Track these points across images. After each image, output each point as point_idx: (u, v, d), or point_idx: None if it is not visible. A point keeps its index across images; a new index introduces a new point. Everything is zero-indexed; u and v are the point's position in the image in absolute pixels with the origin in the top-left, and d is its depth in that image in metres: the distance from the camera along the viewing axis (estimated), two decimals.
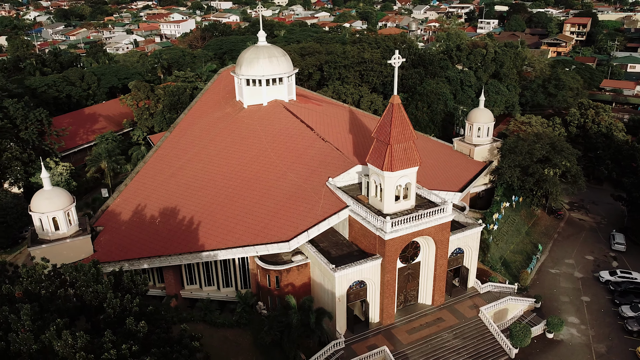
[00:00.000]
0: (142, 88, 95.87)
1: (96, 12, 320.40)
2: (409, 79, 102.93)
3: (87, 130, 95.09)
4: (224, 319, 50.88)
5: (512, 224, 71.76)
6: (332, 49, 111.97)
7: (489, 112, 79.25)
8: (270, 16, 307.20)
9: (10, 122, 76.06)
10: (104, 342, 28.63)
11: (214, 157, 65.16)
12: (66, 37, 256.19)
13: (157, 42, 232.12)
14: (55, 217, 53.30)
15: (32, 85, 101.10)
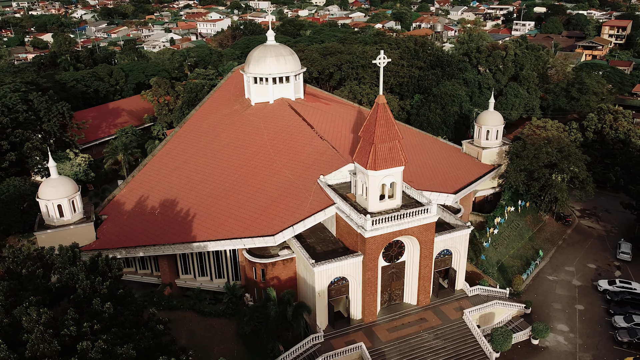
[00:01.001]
0: (162, 84, 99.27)
1: (138, 10, 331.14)
2: (425, 80, 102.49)
3: (109, 124, 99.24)
4: (211, 308, 52.74)
5: (515, 228, 70.72)
6: (352, 49, 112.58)
7: (498, 115, 78.23)
8: (306, 16, 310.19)
9: (35, 114, 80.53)
10: (65, 319, 30.65)
11: (217, 153, 67.18)
12: (107, 35, 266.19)
13: (192, 41, 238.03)
14: (60, 204, 56.40)
15: (62, 80, 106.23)
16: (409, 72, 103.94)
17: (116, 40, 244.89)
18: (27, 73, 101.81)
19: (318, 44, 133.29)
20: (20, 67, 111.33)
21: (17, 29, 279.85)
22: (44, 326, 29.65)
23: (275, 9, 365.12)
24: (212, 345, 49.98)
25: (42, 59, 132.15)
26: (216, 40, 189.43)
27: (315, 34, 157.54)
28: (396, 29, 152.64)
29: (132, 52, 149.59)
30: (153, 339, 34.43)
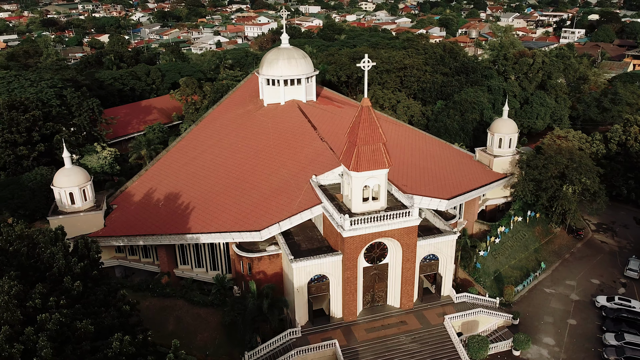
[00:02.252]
0: (190, 84, 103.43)
1: (191, 14, 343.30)
2: (448, 87, 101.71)
3: (140, 121, 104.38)
4: (200, 298, 55.07)
5: (520, 239, 69.35)
6: (379, 54, 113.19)
7: (512, 123, 76.94)
8: (353, 21, 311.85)
9: (67, 109, 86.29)
10: (33, 293, 33.60)
11: (224, 150, 69.87)
12: (160, 37, 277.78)
13: (237, 44, 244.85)
14: (72, 192, 60.59)
15: (101, 78, 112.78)
16: (432, 78, 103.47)
17: (166, 42, 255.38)
18: (68, 71, 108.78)
19: (350, 48, 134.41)
20: (62, 65, 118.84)
21: (78, 30, 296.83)
22: (12, 297, 32.63)
23: (324, 13, 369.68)
24: (196, 333, 52.34)
25: (89, 58, 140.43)
26: (257, 43, 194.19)
27: (350, 38, 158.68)
28: (426, 35, 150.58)
29: (170, 53, 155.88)
30: (118, 318, 36.91)
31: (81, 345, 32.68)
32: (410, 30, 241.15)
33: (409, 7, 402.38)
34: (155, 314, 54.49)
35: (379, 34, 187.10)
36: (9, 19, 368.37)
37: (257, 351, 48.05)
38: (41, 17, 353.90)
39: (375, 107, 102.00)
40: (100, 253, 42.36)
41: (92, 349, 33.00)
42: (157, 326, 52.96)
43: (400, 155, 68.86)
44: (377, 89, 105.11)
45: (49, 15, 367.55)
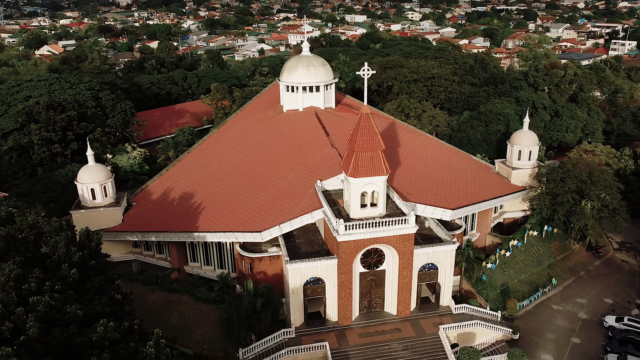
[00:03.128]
0: (220, 90, 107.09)
1: (239, 22, 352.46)
2: (475, 97, 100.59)
3: (172, 124, 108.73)
4: (204, 294, 57.12)
5: (534, 254, 67.81)
6: (407, 63, 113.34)
7: (532, 135, 75.54)
8: (397, 30, 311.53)
9: (102, 111, 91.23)
10: (30, 277, 36.34)
11: (240, 153, 72.10)
12: (206, 44, 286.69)
13: (280, 51, 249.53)
14: (93, 188, 64.25)
15: (139, 82, 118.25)
16: (459, 88, 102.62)
17: (212, 48, 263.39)
18: (108, 75, 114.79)
19: (382, 57, 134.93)
20: (103, 69, 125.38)
21: (131, 37, 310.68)
22: (11, 279, 35.46)
23: (369, 22, 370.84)
24: (196, 327, 54.35)
25: (132, 63, 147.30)
26: (296, 51, 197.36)
27: (384, 47, 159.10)
28: (458, 45, 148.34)
29: (208, 60, 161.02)
30: (109, 306, 39.22)
31: (69, 328, 35.03)
32: (451, 40, 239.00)
33: (456, 17, 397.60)
34: (161, 307, 57.00)
35: (417, 43, 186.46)
36: (71, 25, 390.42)
37: (251, 348, 49.44)
38: (99, 24, 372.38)
39: (400, 116, 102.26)
40: (101, 245, 45.02)
41: (79, 333, 35.30)
42: (162, 318, 55.52)
43: (412, 164, 69.01)
44: (403, 98, 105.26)
45: (106, 23, 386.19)
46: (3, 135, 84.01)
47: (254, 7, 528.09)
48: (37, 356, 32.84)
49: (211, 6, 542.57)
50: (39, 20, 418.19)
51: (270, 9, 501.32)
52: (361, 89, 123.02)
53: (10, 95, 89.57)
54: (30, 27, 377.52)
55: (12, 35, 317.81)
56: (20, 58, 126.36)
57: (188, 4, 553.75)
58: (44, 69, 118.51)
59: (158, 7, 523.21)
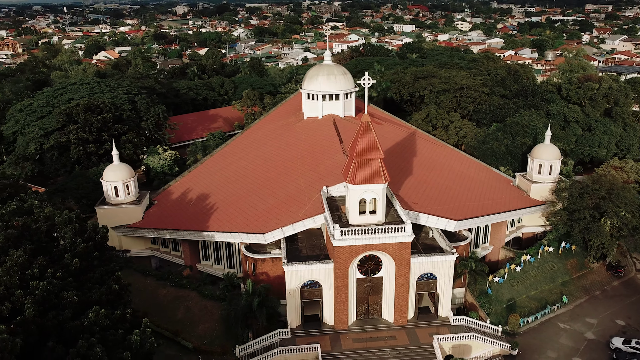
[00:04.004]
0: (251, 96, 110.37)
1: (287, 30, 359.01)
2: (504, 109, 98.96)
3: (204, 128, 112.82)
4: (210, 292, 59.43)
5: (547, 270, 66.22)
6: (437, 73, 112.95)
7: (554, 149, 74.03)
8: (444, 40, 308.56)
9: (136, 114, 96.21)
10: (34, 263, 39.52)
11: (257, 158, 74.46)
12: (253, 51, 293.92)
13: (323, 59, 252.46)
14: (116, 186, 68.12)
15: (177, 88, 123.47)
16: (488, 100, 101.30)
17: (258, 56, 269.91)
18: (148, 80, 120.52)
19: (417, 67, 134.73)
20: (143, 74, 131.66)
21: (183, 44, 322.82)
22: (17, 265, 38.74)
23: (417, 32, 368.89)
24: (200, 323, 56.65)
25: (175, 69, 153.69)
26: (336, 60, 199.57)
27: (421, 57, 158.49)
28: (492, 55, 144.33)
29: (245, 67, 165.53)
30: (106, 295, 41.93)
31: (64, 313, 37.86)
32: (497, 51, 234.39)
33: (507, 28, 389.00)
34: (170, 302, 59.76)
35: (457, 54, 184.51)
36: (129, 32, 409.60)
37: (247, 346, 51.16)
38: (155, 31, 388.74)
39: (427, 126, 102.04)
40: (108, 240, 48.07)
41: (73, 317, 38.07)
42: (169, 312, 58.33)
43: (425, 175, 69.11)
44: (432, 108, 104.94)
45: (162, 30, 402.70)
46: (46, 134, 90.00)
47: (305, 16, 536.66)
48: (32, 335, 35.79)
49: (263, 15, 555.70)
50: (100, 28, 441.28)
51: (320, 18, 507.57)
52: (393, 98, 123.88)
53: (55, 97, 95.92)
54: (92, 33, 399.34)
55: (75, 41, 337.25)
56: (72, 63, 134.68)
57: (241, 12, 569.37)
58: (91, 73, 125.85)
59: (212, 16, 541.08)
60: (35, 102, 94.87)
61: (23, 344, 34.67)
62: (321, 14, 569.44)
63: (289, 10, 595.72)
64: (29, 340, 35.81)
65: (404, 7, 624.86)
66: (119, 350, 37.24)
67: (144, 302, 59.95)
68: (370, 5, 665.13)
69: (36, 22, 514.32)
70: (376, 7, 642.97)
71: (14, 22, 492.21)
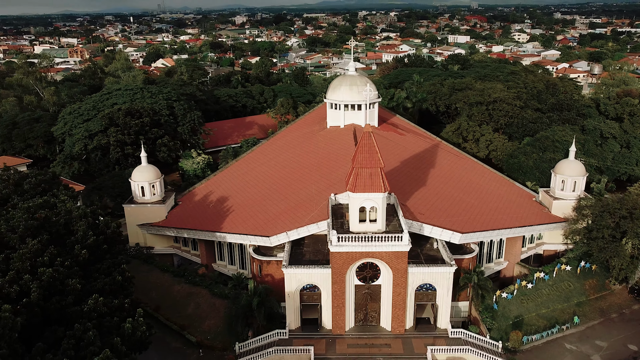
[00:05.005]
0: (285, 104, 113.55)
1: (338, 41, 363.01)
2: (537, 123, 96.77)
3: (240, 134, 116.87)
4: (219, 290, 62.06)
5: (562, 289, 64.33)
6: (471, 85, 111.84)
7: (578, 165, 72.06)
8: (497, 52, 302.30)
9: (174, 119, 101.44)
10: (45, 252, 43.42)
11: (277, 164, 76.96)
12: (303, 61, 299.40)
13: (371, 69, 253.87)
14: (143, 186, 72.43)
15: (218, 95, 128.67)
16: (520, 113, 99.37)
17: (307, 65, 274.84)
18: (189, 87, 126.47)
19: (455, 79, 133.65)
20: (186, 81, 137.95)
21: (237, 52, 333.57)
22: (31, 252, 42.75)
23: (471, 43, 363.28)
24: (206, 319, 59.36)
25: (220, 77, 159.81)
26: (381, 70, 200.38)
27: (463, 69, 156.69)
28: (530, 67, 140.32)
29: (285, 76, 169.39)
30: (109, 285, 45.29)
31: (66, 299, 41.39)
32: (551, 63, 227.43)
33: (568, 39, 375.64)
34: (182, 297, 62.91)
35: (504, 66, 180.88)
36: (188, 41, 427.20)
37: (246, 344, 53.27)
38: (213, 40, 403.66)
39: (458, 138, 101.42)
40: (115, 230, 51.67)
41: (75, 304, 41.53)
42: (180, 307, 61.47)
43: (438, 186, 69.13)
44: (463, 120, 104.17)
45: (220, 39, 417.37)
46: (90, 136, 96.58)
47: (359, 26, 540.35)
48: (36, 317, 39.46)
49: (318, 25, 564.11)
50: (162, 36, 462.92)
51: (374, 29, 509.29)
52: (429, 109, 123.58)
53: (101, 101, 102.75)
54: (154, 42, 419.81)
55: (137, 49, 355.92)
56: (124, 69, 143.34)
57: (297, 22, 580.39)
58: (140, 80, 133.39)
59: (269, 26, 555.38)
60: (83, 105, 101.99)
61: (26, 324, 38.39)
62: (376, 24, 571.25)
63: (344, 20, 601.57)
64: (33, 321, 39.50)
65: (461, 18, 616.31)
66: (112, 336, 40.24)
67: (159, 296, 63.65)
68: (427, 16, 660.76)
69: (105, 30, 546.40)
70: (433, 17, 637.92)
71: (86, 31, 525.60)
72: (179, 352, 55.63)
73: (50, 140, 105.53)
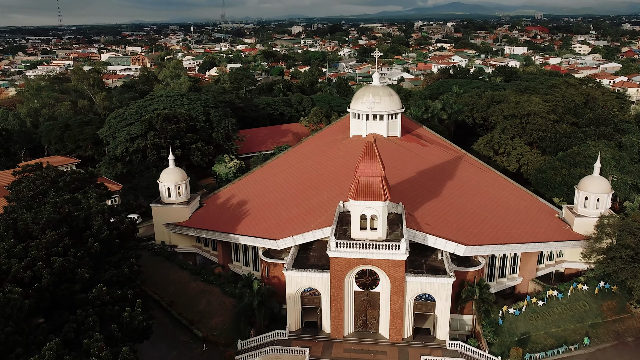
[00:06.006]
0: (318, 113, 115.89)
1: (390, 51, 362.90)
2: (571, 138, 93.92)
3: (274, 141, 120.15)
4: (230, 289, 64.73)
5: (576, 309, 62.39)
6: (506, 98, 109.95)
7: (602, 182, 69.79)
8: (555, 64, 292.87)
9: (210, 125, 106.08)
10: (60, 243, 47.50)
11: (298, 171, 79.15)
12: (353, 71, 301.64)
13: (419, 80, 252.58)
14: (169, 187, 76.57)
15: (256, 103, 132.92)
16: (554, 127, 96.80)
17: (355, 75, 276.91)
18: (229, 95, 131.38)
19: (495, 91, 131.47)
20: (226, 89, 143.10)
21: (289, 62, 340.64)
22: (48, 243, 46.95)
23: (528, 54, 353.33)
24: (215, 316, 62.07)
25: (263, 85, 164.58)
26: (425, 81, 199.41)
27: (506, 81, 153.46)
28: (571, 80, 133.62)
29: (327, 86, 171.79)
30: (117, 276, 48.81)
31: (75, 286, 45.14)
32: (608, 76, 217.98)
33: (633, 52, 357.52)
34: (196, 294, 66.03)
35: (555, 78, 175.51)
36: (245, 50, 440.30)
37: (248, 342, 55.46)
38: (268, 49, 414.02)
39: (489, 151, 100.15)
40: (128, 226, 55.35)
41: (82, 291, 45.21)
42: (193, 303, 64.59)
43: (452, 198, 68.96)
44: (496, 133, 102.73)
45: (274, 49, 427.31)
46: (131, 139, 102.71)
47: (414, 37, 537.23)
48: (45, 301, 43.37)
49: (373, 35, 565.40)
50: (220, 46, 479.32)
51: (429, 39, 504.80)
52: (465, 121, 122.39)
53: (144, 107, 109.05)
54: (212, 51, 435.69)
55: (195, 57, 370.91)
56: (172, 77, 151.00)
57: (352, 32, 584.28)
58: (186, 87, 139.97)
59: (324, 35, 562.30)
60: (127, 110, 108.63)
61: (36, 307, 42.30)
62: (432, 34, 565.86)
63: (400, 30, 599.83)
64: (43, 305, 43.43)
65: (521, 29, 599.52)
66: (112, 323, 43.50)
67: (175, 292, 67.10)
68: (485, 27, 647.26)
69: (168, 39, 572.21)
70: (492, 28, 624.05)
71: (150, 40, 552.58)
72: (186, 345, 58.53)
73: (97, 142, 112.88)
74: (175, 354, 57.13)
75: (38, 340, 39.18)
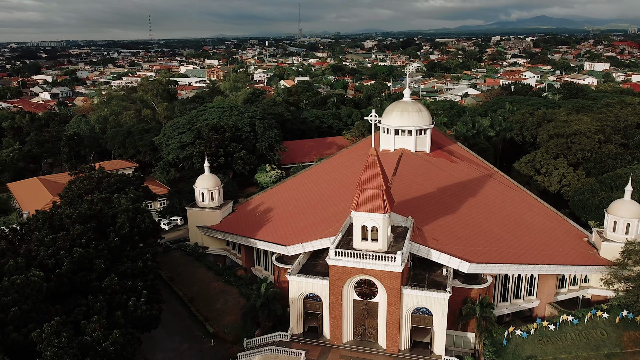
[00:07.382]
0: (360, 127, 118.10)
1: (459, 66, 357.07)
2: (617, 159, 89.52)
3: (317, 153, 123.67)
4: (246, 291, 68.38)
5: (593, 336, 59.83)
6: (553, 117, 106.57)
7: (633, 206, 66.62)
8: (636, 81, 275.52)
9: (254, 135, 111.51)
10: (82, 236, 53.32)
11: (325, 182, 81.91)
12: (418, 86, 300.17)
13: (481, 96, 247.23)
14: (203, 192, 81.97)
15: (304, 116, 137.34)
16: (600, 148, 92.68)
17: (419, 90, 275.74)
18: (279, 107, 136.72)
19: (548, 108, 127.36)
20: (276, 102, 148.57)
21: (356, 76, 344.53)
22: (74, 235, 52.94)
23: (612, 70, 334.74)
24: (228, 314, 65.91)
25: (317, 99, 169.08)
26: (485, 96, 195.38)
27: (564, 99, 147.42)
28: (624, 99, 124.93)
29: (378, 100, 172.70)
30: (131, 269, 53.87)
31: (91, 275, 50.57)
32: None
33: None
34: (216, 293, 70.37)
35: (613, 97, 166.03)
36: (315, 64, 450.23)
37: (253, 341, 58.63)
38: (338, 63, 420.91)
39: (530, 170, 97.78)
40: (156, 230, 60.52)
41: (97, 279, 50.55)
42: (211, 301, 68.94)
43: (469, 215, 68.65)
44: (539, 152, 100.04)
45: (344, 63, 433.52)
46: (182, 147, 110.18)
47: (489, 51, 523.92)
48: (64, 286, 49.02)
49: (446, 50, 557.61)
50: (293, 59, 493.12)
51: (504, 54, 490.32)
52: (513, 138, 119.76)
53: (196, 117, 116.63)
54: (284, 64, 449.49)
55: (266, 70, 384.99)
56: (232, 89, 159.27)
57: (424, 47, 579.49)
58: (241, 100, 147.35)
59: (396, 50, 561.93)
60: (181, 120, 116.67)
61: (55, 291, 48.00)
62: (508, 49, 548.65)
63: (475, 45, 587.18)
64: (62, 289, 49.11)
65: (607, 44, 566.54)
66: (118, 311, 48.32)
67: (198, 290, 71.83)
68: (568, 42, 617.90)
69: (245, 53, 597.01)
70: (574, 43, 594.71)
71: (228, 53, 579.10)
72: (197, 339, 62.68)
73: (155, 149, 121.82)
74: (187, 346, 61.42)
75: (51, 319, 44.55)
